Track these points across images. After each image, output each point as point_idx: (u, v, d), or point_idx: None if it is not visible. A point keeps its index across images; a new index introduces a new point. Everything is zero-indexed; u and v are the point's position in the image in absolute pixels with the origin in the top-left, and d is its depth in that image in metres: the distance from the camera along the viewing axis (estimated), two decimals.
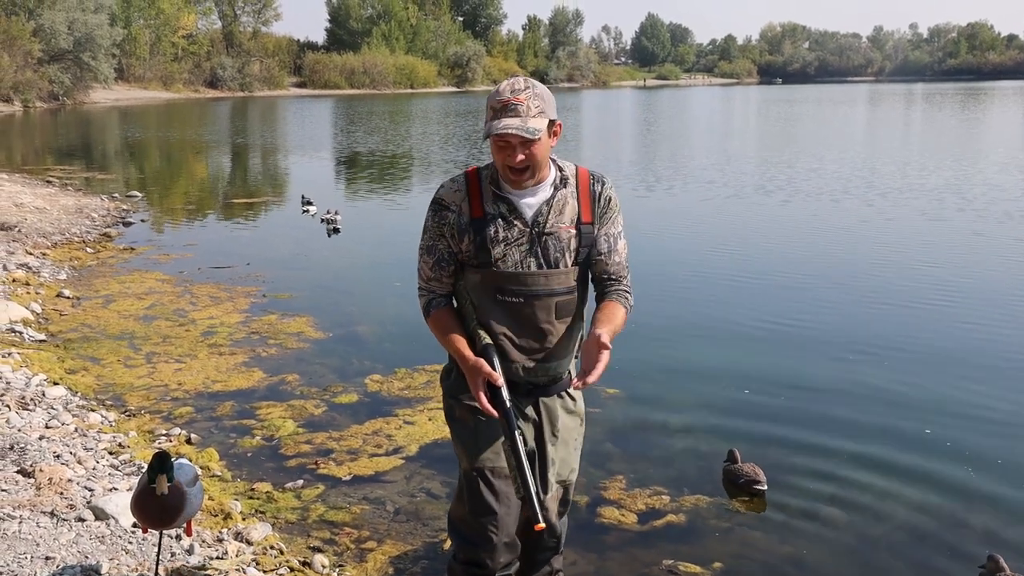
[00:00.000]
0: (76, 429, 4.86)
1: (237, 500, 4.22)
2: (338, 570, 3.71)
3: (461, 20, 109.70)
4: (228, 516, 4.01)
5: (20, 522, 3.59)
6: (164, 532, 3.35)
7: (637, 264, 2.97)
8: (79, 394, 5.57)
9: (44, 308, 7.63)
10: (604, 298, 2.75)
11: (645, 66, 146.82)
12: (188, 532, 3.49)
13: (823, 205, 13.68)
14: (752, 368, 6.12)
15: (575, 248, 2.68)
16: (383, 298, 8.42)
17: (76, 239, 11.01)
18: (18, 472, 4.10)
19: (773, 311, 7.73)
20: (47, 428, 4.82)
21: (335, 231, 11.83)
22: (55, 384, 5.60)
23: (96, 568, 3.33)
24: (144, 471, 3.04)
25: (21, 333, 6.74)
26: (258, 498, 4.31)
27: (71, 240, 10.92)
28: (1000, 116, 39.70)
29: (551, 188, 2.68)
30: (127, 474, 4.31)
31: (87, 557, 3.41)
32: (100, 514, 3.74)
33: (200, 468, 4.32)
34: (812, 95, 69.97)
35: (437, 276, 2.74)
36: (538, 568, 3.02)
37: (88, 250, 10.39)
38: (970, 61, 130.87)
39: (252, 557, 3.66)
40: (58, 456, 4.37)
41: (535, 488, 2.46)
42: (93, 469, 4.30)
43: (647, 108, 50.70)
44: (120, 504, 3.74)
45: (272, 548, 3.78)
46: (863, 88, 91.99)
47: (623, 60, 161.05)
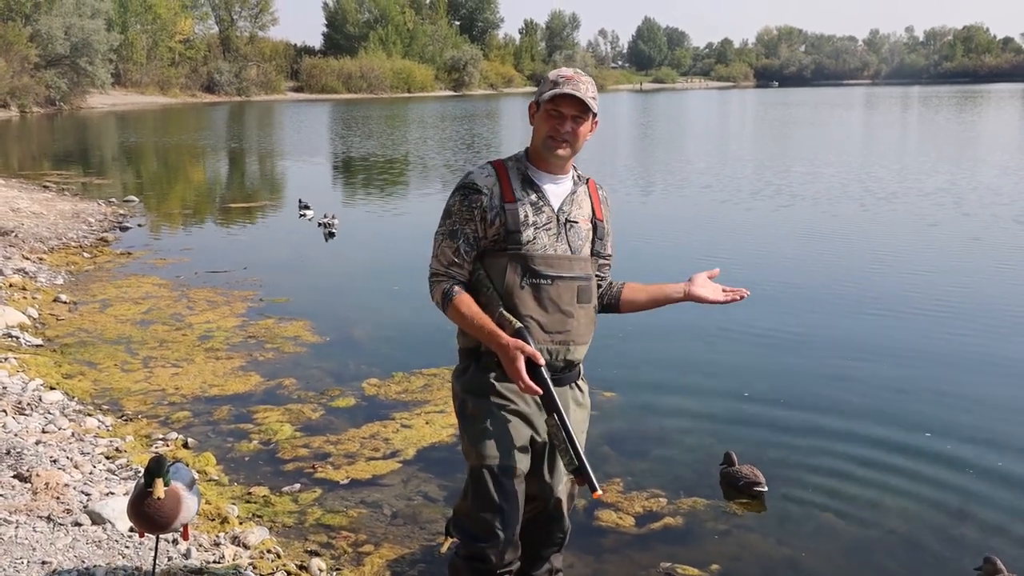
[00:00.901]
0: (73, 434, 4.86)
1: (234, 504, 4.22)
2: (335, 574, 3.70)
3: (458, 24, 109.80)
4: (225, 520, 4.01)
5: (17, 527, 3.59)
6: (161, 536, 3.34)
7: (633, 266, 2.99)
8: (76, 399, 5.56)
9: (41, 313, 7.63)
10: (616, 285, 2.99)
11: (642, 70, 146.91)
12: (185, 536, 3.48)
13: (820, 209, 13.70)
14: (749, 371, 6.13)
15: (592, 239, 2.85)
16: (380, 302, 8.42)
17: (73, 244, 11.00)
18: (14, 477, 4.10)
19: (769, 314, 7.73)
20: (44, 433, 4.81)
21: (331, 235, 11.84)
22: (52, 389, 5.60)
23: (93, 573, 3.33)
24: (141, 475, 3.04)
25: (18, 338, 6.73)
26: (255, 502, 4.31)
27: (68, 245, 10.91)
28: (996, 119, 39.78)
29: (572, 183, 2.85)
30: (124, 478, 4.31)
31: (84, 562, 3.41)
32: (97, 518, 3.73)
33: (197, 472, 4.32)
34: (808, 98, 70.08)
35: (460, 261, 2.77)
36: (540, 565, 3.03)
37: (85, 255, 10.38)
38: (966, 64, 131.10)
39: (249, 561, 3.66)
40: (55, 461, 4.37)
41: (584, 457, 2.62)
42: (90, 474, 4.30)
43: (643, 112, 50.76)
44: (117, 508, 3.73)
45: (269, 552, 3.78)
46: (859, 91, 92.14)
47: (620, 64, 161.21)
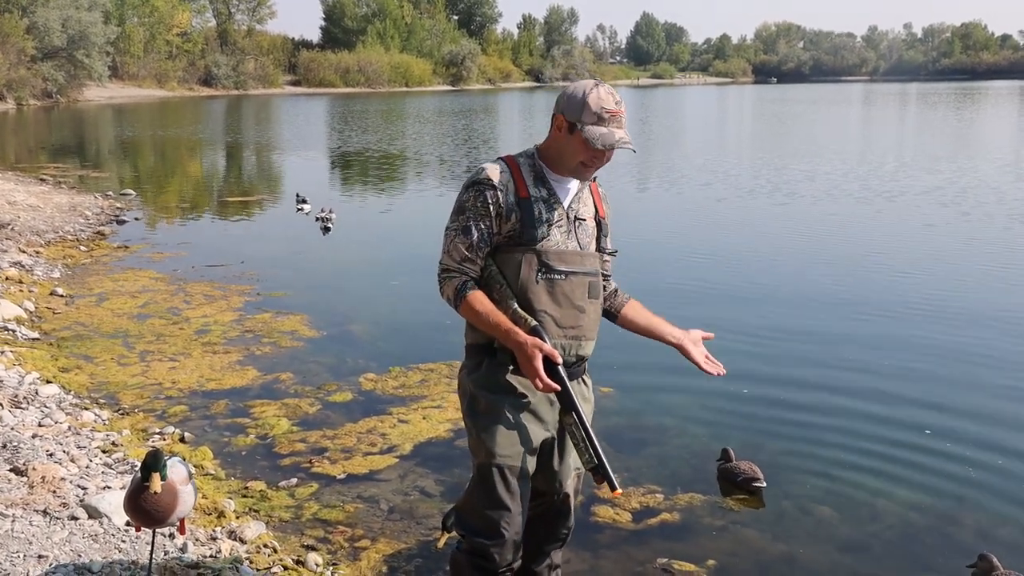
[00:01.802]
0: (69, 427, 4.85)
1: (231, 498, 4.22)
2: (332, 568, 3.70)
3: (456, 19, 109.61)
4: (222, 514, 4.01)
5: (13, 520, 3.58)
6: (157, 531, 3.34)
7: (631, 263, 3.00)
8: (72, 392, 5.55)
9: (37, 306, 7.61)
10: (622, 296, 3.04)
11: (640, 65, 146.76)
12: (182, 531, 3.47)
13: (819, 206, 13.72)
14: (745, 367, 6.12)
15: (596, 237, 2.89)
16: (377, 297, 8.42)
17: (70, 237, 10.98)
18: (11, 470, 4.09)
19: (768, 311, 7.74)
20: (40, 426, 4.80)
21: (326, 230, 11.82)
22: (48, 382, 5.58)
23: (89, 567, 3.33)
24: (138, 469, 3.04)
25: (14, 331, 6.72)
26: (252, 496, 4.31)
27: (65, 238, 10.89)
28: (995, 117, 39.79)
29: (578, 182, 2.86)
30: (120, 473, 4.30)
31: (80, 556, 3.40)
32: (93, 512, 3.73)
33: (194, 466, 4.32)
34: (807, 95, 70.07)
35: (473, 257, 2.76)
36: (542, 560, 3.04)
37: (82, 248, 10.37)
38: (964, 61, 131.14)
39: (246, 555, 3.66)
40: (51, 454, 4.36)
41: (601, 453, 2.65)
42: (86, 467, 4.29)
43: (641, 107, 50.72)
44: (113, 503, 3.73)
45: (266, 547, 3.78)
46: (857, 88, 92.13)
47: (618, 59, 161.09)
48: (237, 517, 4.04)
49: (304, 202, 13.42)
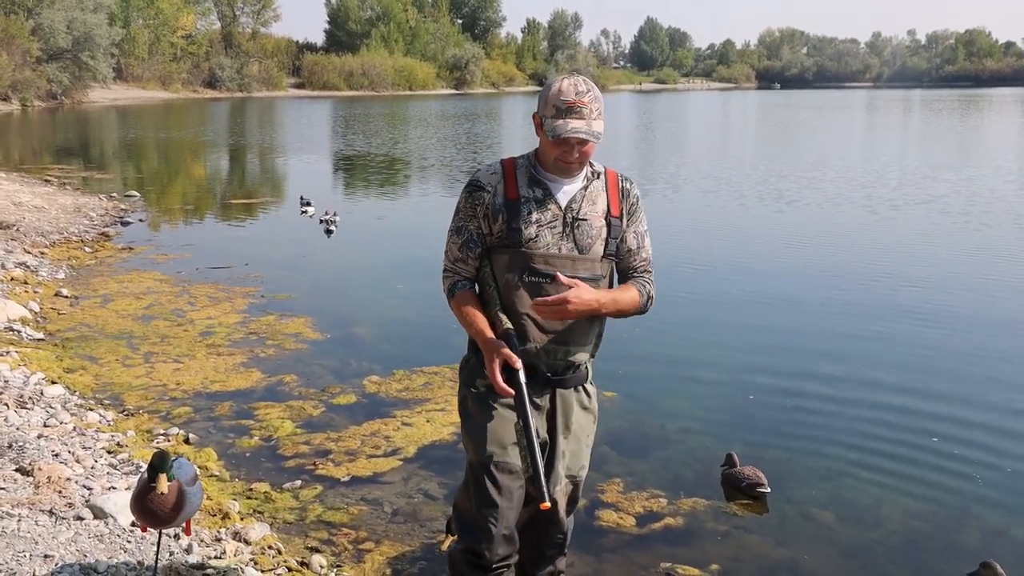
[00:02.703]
0: (74, 428, 4.86)
1: (235, 500, 4.23)
2: (336, 570, 3.71)
3: (460, 22, 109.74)
4: (226, 516, 4.02)
5: (19, 520, 3.59)
6: (163, 531, 3.35)
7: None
8: (77, 393, 5.57)
9: (42, 307, 7.63)
10: (624, 282, 2.90)
11: (644, 70, 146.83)
12: (187, 531, 3.49)
13: (824, 212, 13.71)
14: (749, 372, 6.13)
15: (605, 238, 2.79)
16: (382, 299, 8.43)
17: (74, 238, 11.00)
18: (16, 470, 4.10)
19: (772, 316, 7.75)
20: (45, 427, 4.82)
21: (330, 232, 11.84)
22: (53, 383, 5.60)
23: (95, 567, 3.34)
24: (144, 470, 3.05)
25: (19, 332, 6.74)
26: (256, 498, 4.32)
27: (69, 239, 10.92)
28: (1000, 124, 39.77)
29: (584, 179, 2.80)
30: (125, 473, 4.32)
31: (86, 556, 3.41)
32: (99, 513, 3.74)
33: (198, 468, 4.32)
34: (811, 100, 70.08)
35: (463, 257, 2.80)
36: (544, 565, 3.04)
37: (86, 249, 10.39)
38: (968, 68, 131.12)
39: (250, 557, 3.67)
40: (56, 455, 4.37)
41: (543, 467, 2.54)
42: (91, 468, 4.31)
43: (645, 113, 50.74)
44: (119, 503, 3.74)
45: (270, 548, 3.79)
46: (861, 94, 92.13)
47: (622, 64, 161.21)
48: (242, 518, 4.05)
49: (308, 204, 13.43)
